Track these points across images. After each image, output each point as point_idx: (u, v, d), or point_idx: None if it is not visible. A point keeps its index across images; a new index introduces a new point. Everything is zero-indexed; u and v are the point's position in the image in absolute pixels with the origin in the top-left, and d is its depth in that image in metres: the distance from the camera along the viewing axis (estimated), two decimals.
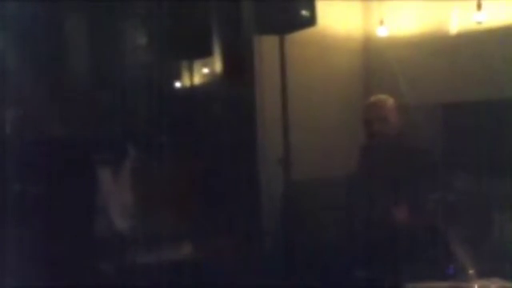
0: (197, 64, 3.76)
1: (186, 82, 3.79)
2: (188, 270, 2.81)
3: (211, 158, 3.36)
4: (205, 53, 3.62)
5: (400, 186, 2.64)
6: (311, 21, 3.27)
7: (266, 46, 3.45)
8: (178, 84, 3.83)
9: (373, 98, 3.04)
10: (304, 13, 3.24)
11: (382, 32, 3.71)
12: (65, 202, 2.64)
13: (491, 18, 3.19)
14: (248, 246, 3.21)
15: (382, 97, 3.03)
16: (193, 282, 2.76)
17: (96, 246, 2.70)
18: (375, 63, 3.86)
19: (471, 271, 1.96)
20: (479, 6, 3.15)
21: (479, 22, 3.19)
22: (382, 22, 3.69)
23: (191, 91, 3.76)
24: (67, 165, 2.74)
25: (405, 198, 2.61)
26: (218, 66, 3.63)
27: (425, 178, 2.59)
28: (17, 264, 2.49)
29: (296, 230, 3.22)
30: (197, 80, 3.78)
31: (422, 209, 2.55)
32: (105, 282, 2.62)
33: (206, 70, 3.79)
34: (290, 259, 3.14)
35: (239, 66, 3.52)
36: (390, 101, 3.00)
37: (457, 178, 2.64)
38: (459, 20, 3.35)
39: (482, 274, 2.11)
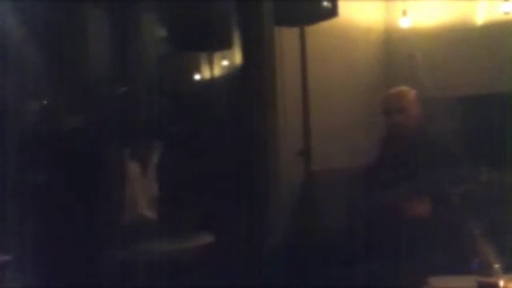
0: (217, 56, 3.75)
1: (206, 73, 3.79)
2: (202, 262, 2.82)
3: (231, 149, 3.36)
4: (225, 44, 3.60)
5: (420, 179, 2.59)
6: (332, 12, 3.23)
7: (287, 37, 3.42)
8: (197, 76, 3.83)
9: (393, 90, 3.00)
10: (325, 4, 3.21)
11: (405, 23, 3.65)
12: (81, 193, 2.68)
13: None
14: (265, 235, 3.21)
15: (403, 88, 2.98)
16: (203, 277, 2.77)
17: (112, 236, 2.72)
18: (397, 55, 3.80)
19: (496, 265, 1.91)
20: None
21: (507, 13, 3.12)
22: (404, 13, 3.63)
23: (211, 83, 3.75)
24: (85, 157, 2.78)
25: (425, 191, 2.57)
26: (238, 57, 3.61)
27: (445, 170, 2.54)
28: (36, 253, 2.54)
29: (315, 221, 3.21)
30: (217, 72, 3.77)
31: (443, 202, 2.51)
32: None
33: (226, 62, 3.78)
34: (308, 249, 3.12)
35: (260, 57, 3.50)
36: (411, 92, 2.95)
37: (478, 171, 2.58)
38: (485, 10, 3.27)
39: (508, 269, 2.07)
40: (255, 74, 3.47)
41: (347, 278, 2.75)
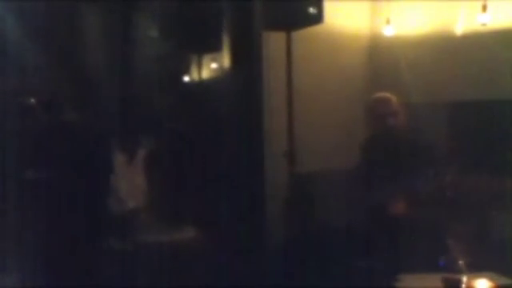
0: (206, 58, 3.83)
1: (195, 75, 3.87)
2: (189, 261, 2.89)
3: (217, 150, 3.43)
4: (214, 47, 3.69)
5: (401, 180, 2.70)
6: (318, 18, 3.33)
7: (274, 41, 3.51)
8: (186, 77, 3.91)
9: (380, 95, 3.10)
10: (311, 10, 3.30)
11: (389, 31, 3.75)
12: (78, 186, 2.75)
13: (496, 19, 3.23)
14: (250, 237, 3.28)
15: (387, 94, 3.09)
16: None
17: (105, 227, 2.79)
18: (381, 62, 3.90)
19: (461, 262, 2.01)
20: (484, 8, 3.20)
21: (484, 24, 3.23)
22: (388, 21, 3.73)
23: (200, 84, 3.83)
24: (75, 150, 2.85)
25: (404, 191, 2.68)
26: (226, 60, 3.69)
27: (425, 172, 2.65)
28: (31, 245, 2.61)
29: (299, 221, 3.29)
30: (205, 74, 3.85)
31: (419, 202, 2.61)
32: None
33: (214, 64, 3.86)
34: (291, 250, 3.20)
35: (247, 61, 3.58)
36: (395, 98, 3.07)
37: (454, 173, 2.69)
38: (464, 21, 3.39)
39: (476, 267, 2.16)
40: (242, 76, 3.55)
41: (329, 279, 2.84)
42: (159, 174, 3.01)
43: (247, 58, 3.56)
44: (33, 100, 3.18)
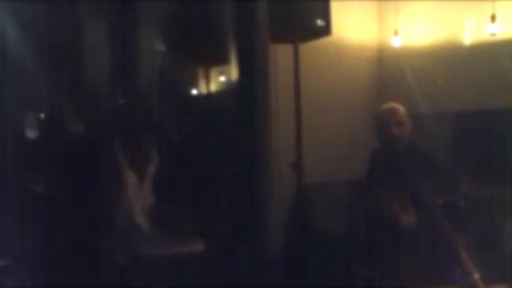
0: (214, 71, 3.85)
1: (203, 88, 3.88)
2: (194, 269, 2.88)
3: (225, 161, 3.44)
4: (221, 60, 3.70)
5: (409, 190, 2.69)
6: (326, 30, 3.33)
7: (282, 54, 3.52)
8: (194, 90, 3.93)
9: (388, 105, 3.09)
10: (319, 22, 3.30)
11: (396, 42, 3.76)
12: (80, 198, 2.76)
13: (505, 29, 3.23)
14: (257, 247, 3.28)
15: (396, 104, 3.09)
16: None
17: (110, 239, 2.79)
18: (389, 73, 3.91)
19: (476, 276, 1.99)
20: (493, 18, 3.20)
21: (493, 34, 3.23)
22: (396, 33, 3.74)
23: (208, 97, 3.85)
24: (84, 165, 2.86)
25: (412, 201, 2.66)
26: (234, 73, 3.71)
27: (433, 182, 2.64)
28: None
29: (306, 232, 3.28)
30: (213, 86, 3.87)
31: (428, 213, 2.59)
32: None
33: (222, 77, 3.88)
34: (298, 260, 3.19)
35: (254, 73, 3.59)
36: (403, 108, 3.07)
37: (461, 183, 2.67)
38: (473, 31, 3.39)
39: (490, 280, 2.14)
40: (250, 88, 3.56)
41: None
42: (166, 184, 3.01)
43: (254, 70, 3.58)
44: (40, 114, 3.21)
